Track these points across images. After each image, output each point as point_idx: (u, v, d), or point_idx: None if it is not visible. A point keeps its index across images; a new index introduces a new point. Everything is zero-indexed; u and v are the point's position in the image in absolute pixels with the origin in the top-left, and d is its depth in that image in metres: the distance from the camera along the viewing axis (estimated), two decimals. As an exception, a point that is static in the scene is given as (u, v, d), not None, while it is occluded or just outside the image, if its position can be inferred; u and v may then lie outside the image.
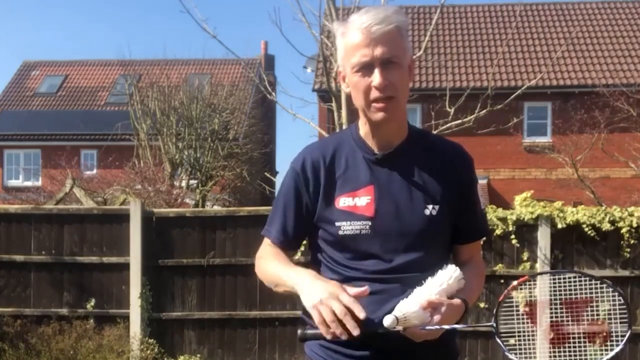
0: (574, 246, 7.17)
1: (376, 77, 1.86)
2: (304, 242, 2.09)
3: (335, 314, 1.68)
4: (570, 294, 1.93)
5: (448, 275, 1.85)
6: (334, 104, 8.28)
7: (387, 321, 1.77)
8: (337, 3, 7.98)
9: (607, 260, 7.14)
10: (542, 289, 2.02)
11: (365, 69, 1.87)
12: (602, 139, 14.66)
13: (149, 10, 60.19)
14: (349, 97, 2.01)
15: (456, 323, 1.89)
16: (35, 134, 25.20)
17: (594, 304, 1.94)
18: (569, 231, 7.11)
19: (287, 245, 2.05)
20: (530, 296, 2.03)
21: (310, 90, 21.96)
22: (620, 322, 1.87)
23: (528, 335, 1.92)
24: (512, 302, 1.93)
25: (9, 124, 25.48)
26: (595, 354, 1.86)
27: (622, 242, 7.09)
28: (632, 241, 7.08)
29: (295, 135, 50.27)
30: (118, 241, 7.40)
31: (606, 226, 7.03)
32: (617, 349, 1.85)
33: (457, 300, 1.85)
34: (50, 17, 61.93)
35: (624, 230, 7.05)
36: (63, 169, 16.82)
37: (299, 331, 1.85)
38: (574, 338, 1.91)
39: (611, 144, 15.26)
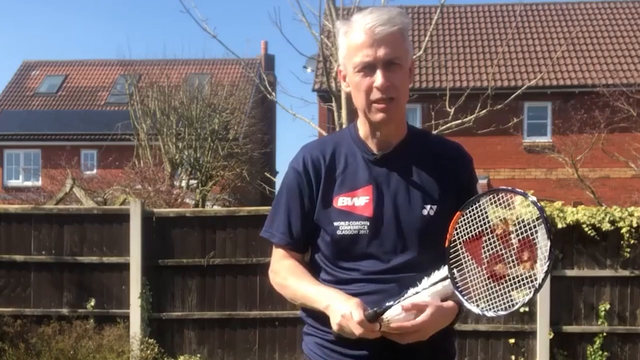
0: (574, 246, 7.17)
1: (378, 78, 1.86)
2: None
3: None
4: (490, 221, 1.82)
5: (443, 278, 1.82)
6: (334, 104, 8.27)
7: None
8: (337, 3, 7.99)
9: (607, 260, 7.14)
10: (473, 221, 1.84)
11: (367, 69, 1.88)
12: (602, 139, 14.65)
13: (149, 10, 60.21)
14: (349, 97, 2.02)
15: (450, 325, 1.88)
16: (35, 134, 25.20)
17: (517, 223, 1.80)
18: (569, 231, 7.11)
19: (294, 247, 2.02)
20: (468, 233, 1.84)
21: (310, 90, 21.97)
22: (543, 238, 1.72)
23: (478, 278, 1.80)
24: (456, 245, 1.83)
25: (9, 124, 25.48)
26: (529, 277, 1.73)
27: (622, 242, 7.08)
28: (632, 241, 7.07)
29: (295, 135, 50.37)
30: (118, 241, 7.40)
31: (606, 226, 7.03)
32: (546, 265, 1.72)
33: (449, 303, 1.83)
34: (50, 17, 61.99)
35: (624, 230, 7.04)
36: (63, 169, 16.80)
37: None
38: (510, 267, 1.77)
39: (611, 144, 15.26)
